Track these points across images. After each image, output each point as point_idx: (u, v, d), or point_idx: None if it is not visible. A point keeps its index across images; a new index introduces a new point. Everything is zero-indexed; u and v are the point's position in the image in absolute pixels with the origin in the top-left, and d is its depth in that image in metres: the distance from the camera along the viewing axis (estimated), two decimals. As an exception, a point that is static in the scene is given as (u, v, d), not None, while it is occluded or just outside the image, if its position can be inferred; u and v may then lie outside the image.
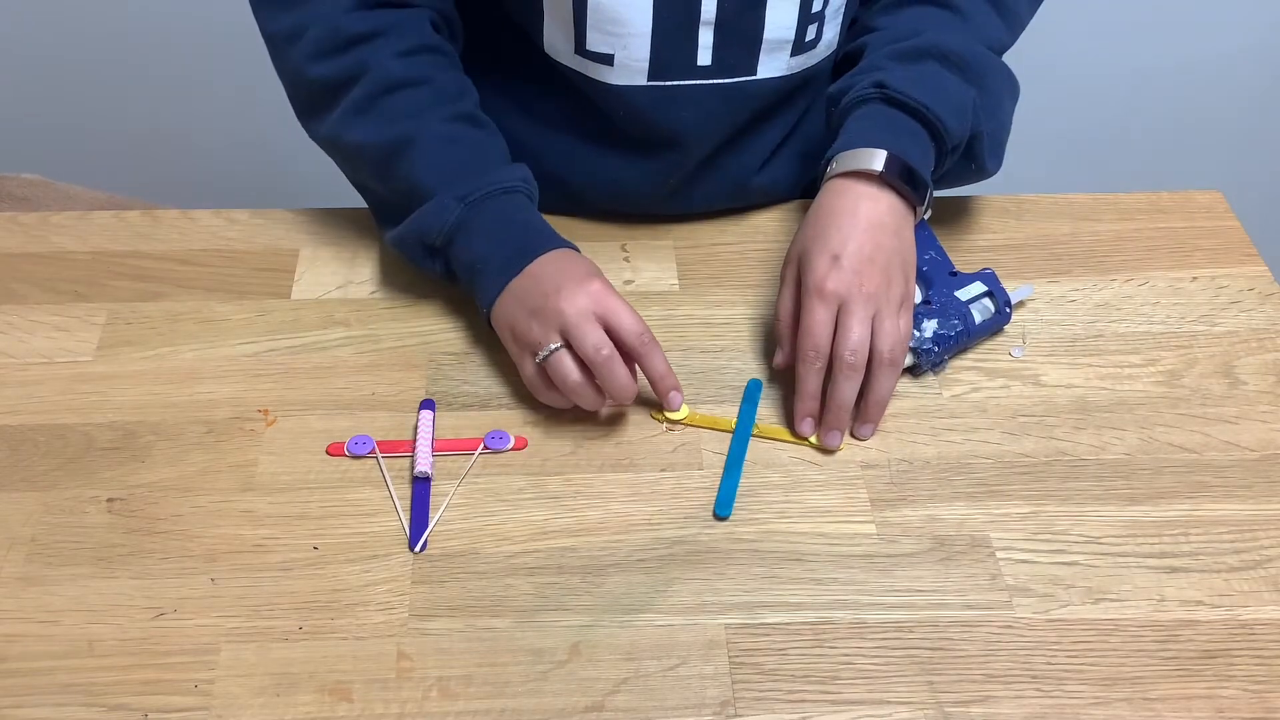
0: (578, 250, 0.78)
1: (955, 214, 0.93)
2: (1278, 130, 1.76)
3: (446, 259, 0.80)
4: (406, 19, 0.81)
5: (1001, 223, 0.92)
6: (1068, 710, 0.62)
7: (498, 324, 0.77)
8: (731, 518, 0.71)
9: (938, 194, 0.92)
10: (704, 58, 0.81)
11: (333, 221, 0.91)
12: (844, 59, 0.90)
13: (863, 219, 0.75)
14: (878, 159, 0.76)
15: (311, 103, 0.83)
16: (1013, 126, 0.86)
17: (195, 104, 1.63)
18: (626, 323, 0.72)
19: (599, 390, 0.73)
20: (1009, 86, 0.85)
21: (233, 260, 0.87)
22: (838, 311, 0.74)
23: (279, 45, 0.82)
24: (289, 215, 0.91)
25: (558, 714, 0.62)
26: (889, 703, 0.62)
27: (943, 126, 0.79)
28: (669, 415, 0.75)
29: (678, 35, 0.80)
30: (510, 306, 0.75)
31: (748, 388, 0.78)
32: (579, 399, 0.73)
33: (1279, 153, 1.78)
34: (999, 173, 0.86)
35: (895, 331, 0.74)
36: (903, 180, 0.76)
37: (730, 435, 0.76)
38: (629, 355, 0.73)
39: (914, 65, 0.82)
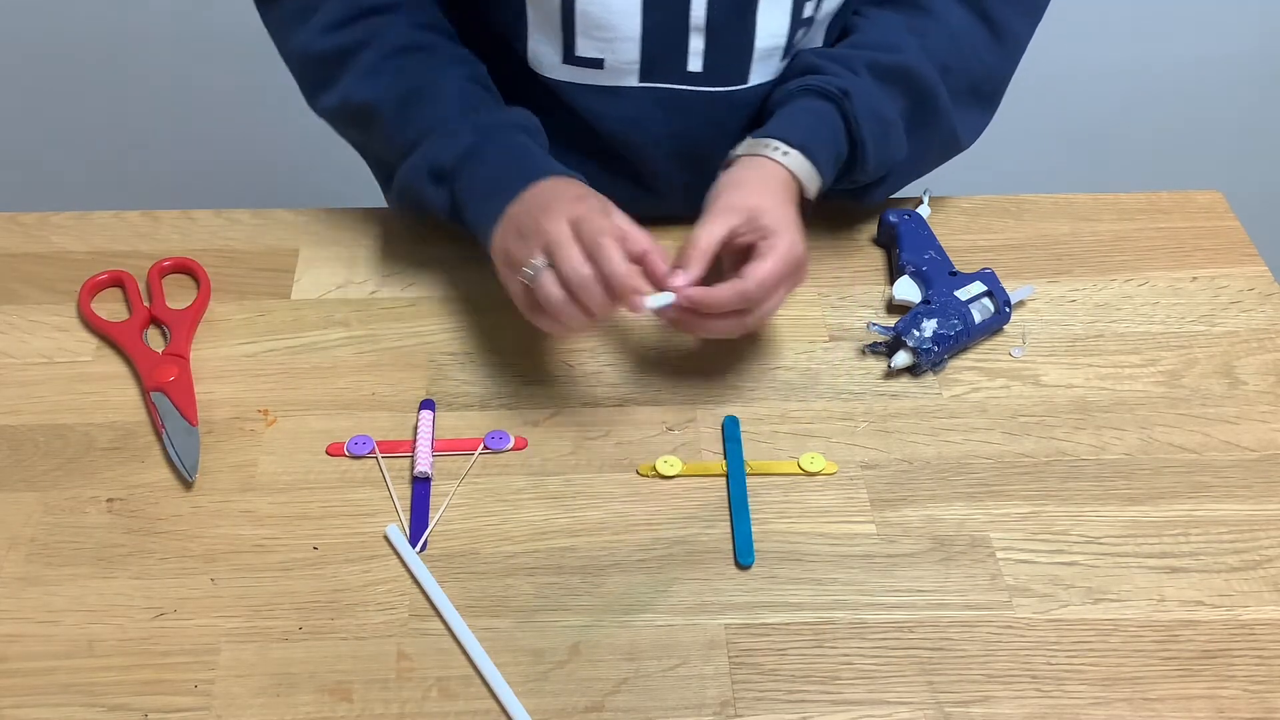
0: (581, 179, 0.77)
1: (955, 214, 0.93)
2: (1278, 130, 1.76)
3: (453, 189, 0.79)
4: (414, 2, 0.83)
5: (1001, 223, 0.92)
6: (1068, 710, 0.62)
7: (495, 253, 0.75)
8: (731, 518, 0.71)
9: (935, 194, 0.93)
10: (694, 63, 0.81)
11: (333, 221, 0.91)
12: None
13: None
14: (813, 185, 0.78)
15: (321, 74, 0.83)
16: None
17: (195, 104, 1.63)
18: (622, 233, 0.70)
19: (586, 310, 0.70)
20: (943, 144, 0.86)
21: (233, 260, 0.87)
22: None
23: (287, 23, 0.83)
24: (289, 215, 0.91)
25: (558, 714, 0.62)
26: (889, 703, 0.62)
27: (864, 168, 0.81)
28: (658, 468, 0.73)
29: (667, 38, 0.80)
30: (505, 231, 0.74)
31: (726, 427, 0.76)
32: (565, 319, 0.70)
33: (1279, 153, 1.78)
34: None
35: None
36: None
37: (724, 479, 0.73)
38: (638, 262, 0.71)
39: (882, 86, 0.81)
